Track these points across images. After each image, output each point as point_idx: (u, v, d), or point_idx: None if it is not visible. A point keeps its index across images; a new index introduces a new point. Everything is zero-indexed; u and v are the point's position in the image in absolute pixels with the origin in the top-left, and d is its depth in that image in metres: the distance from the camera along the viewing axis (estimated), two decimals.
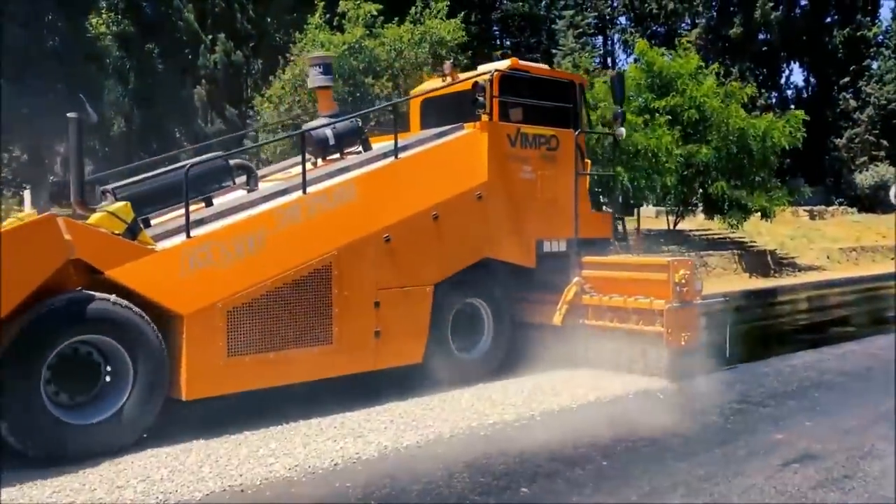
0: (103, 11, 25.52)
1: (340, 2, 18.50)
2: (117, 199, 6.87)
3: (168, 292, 6.16)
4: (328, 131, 8.07)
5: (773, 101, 40.59)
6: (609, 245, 9.58)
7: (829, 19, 42.68)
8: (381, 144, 8.65)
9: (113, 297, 5.85)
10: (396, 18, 18.70)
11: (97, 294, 5.81)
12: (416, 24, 18.60)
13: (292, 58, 18.68)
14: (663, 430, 6.42)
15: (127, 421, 5.93)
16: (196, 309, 6.24)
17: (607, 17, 45.07)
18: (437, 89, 9.05)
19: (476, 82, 8.25)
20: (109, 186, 7.04)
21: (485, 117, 8.31)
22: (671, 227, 23.54)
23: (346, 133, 8.35)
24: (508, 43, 41.62)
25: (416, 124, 9.85)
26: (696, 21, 42.18)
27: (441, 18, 18.85)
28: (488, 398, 7.38)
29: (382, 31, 18.15)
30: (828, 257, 25.12)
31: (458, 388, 7.68)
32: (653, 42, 28.44)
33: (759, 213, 21.25)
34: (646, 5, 42.41)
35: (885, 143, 39.57)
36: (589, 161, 9.92)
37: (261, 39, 25.20)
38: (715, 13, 41.35)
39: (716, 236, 24.80)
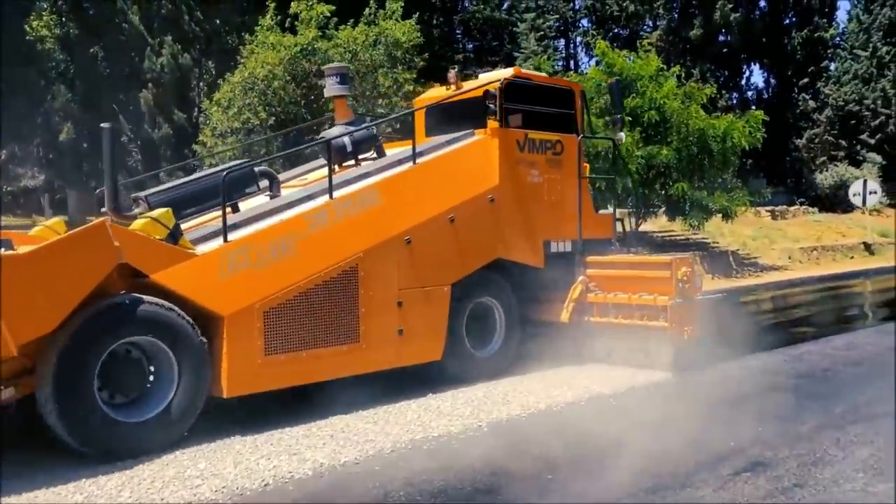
0: (44, 13, 24.64)
1: (292, 3, 17.98)
2: (150, 206, 7.14)
3: (209, 294, 6.43)
4: (346, 139, 8.36)
5: (734, 102, 40.85)
6: (611, 245, 9.97)
7: (787, 21, 43.08)
8: (393, 151, 8.98)
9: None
10: (351, 21, 18.34)
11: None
12: (371, 25, 18.26)
13: (242, 60, 18.25)
14: (611, 440, 6.23)
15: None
16: (235, 310, 6.51)
17: (569, 20, 45.07)
18: (451, 96, 9.31)
19: (487, 90, 8.61)
20: (142, 193, 7.29)
21: (495, 124, 8.66)
22: (633, 228, 23.45)
23: (363, 140, 8.66)
24: (471, 46, 41.47)
25: (420, 132, 10.17)
26: (657, 23, 42.35)
27: (396, 20, 18.48)
28: (436, 409, 7.18)
29: (336, 33, 17.78)
30: (789, 257, 25.23)
31: (404, 400, 7.44)
32: (615, 45, 28.64)
33: (720, 214, 21.27)
34: (607, 7, 42.61)
35: (843, 143, 40.09)
36: (587, 164, 10.34)
37: (210, 42, 24.47)
38: (675, 15, 41.56)
39: (678, 238, 24.85)
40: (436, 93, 10.36)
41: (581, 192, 9.48)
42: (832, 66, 42.08)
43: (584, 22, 46.13)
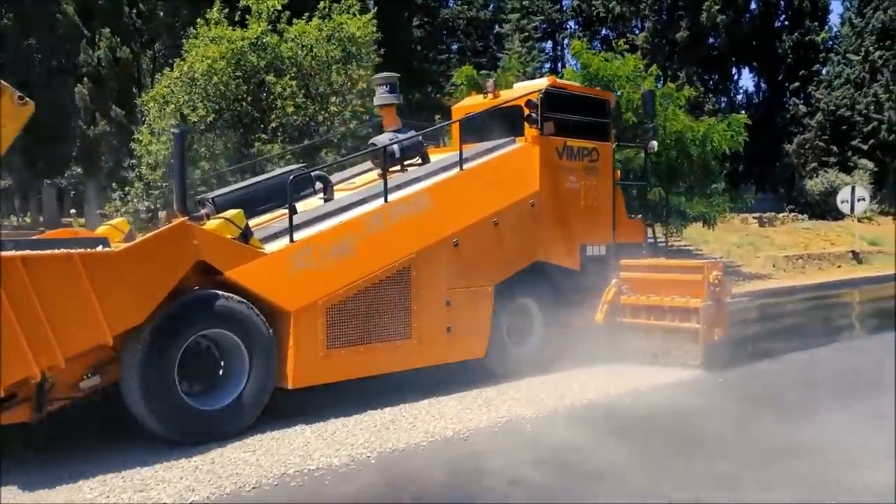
0: None
1: None
2: (216, 206, 7.55)
3: (277, 291, 6.83)
4: (395, 146, 8.77)
5: (722, 106, 39.72)
6: (642, 249, 10.36)
7: (778, 24, 41.84)
8: (436, 157, 9.38)
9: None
10: (307, 14, 17.28)
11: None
12: (326, 19, 17.21)
13: (185, 54, 17.05)
14: (513, 475, 5.66)
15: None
16: (301, 306, 6.92)
17: (556, 22, 43.83)
18: (504, 102, 9.65)
19: (530, 100, 9.02)
20: (209, 195, 7.71)
21: (536, 131, 9.07)
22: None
23: (410, 147, 9.06)
24: (455, 47, 40.77)
25: (456, 139, 10.55)
26: (644, 24, 41.06)
27: (353, 14, 17.49)
28: (331, 434, 6.53)
29: (287, 28, 16.76)
30: (773, 265, 24.45)
31: (301, 423, 6.78)
32: (603, 47, 28.13)
33: (701, 221, 20.24)
34: (593, 8, 41.39)
35: (834, 148, 39.20)
36: (618, 171, 10.75)
37: (155, 35, 23.55)
38: (662, 16, 40.21)
39: (659, 244, 23.75)
40: (472, 101, 10.77)
41: (615, 197, 9.88)
42: (824, 71, 40.98)
43: (571, 24, 44.91)
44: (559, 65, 44.72)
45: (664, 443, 6.63)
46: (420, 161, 9.26)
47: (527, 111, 9.10)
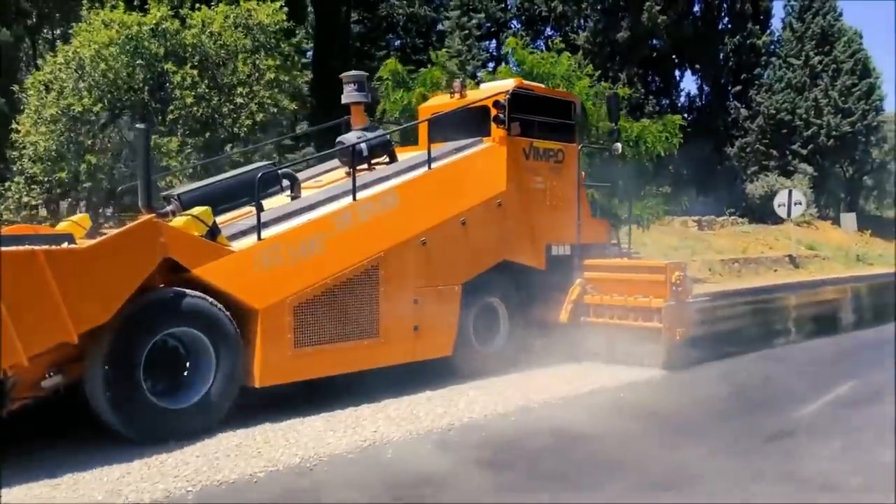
0: None
1: None
2: (182, 203, 7.46)
3: (245, 289, 6.78)
4: (363, 145, 8.75)
5: (663, 108, 38.43)
6: (606, 249, 10.49)
7: (721, 26, 40.69)
8: (404, 156, 9.39)
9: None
10: (213, 0, 16.32)
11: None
12: (233, 5, 16.15)
13: (72, 38, 15.67)
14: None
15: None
16: (269, 304, 6.88)
17: (500, 20, 41.97)
18: (458, 105, 9.72)
19: (497, 100, 9.07)
20: (174, 191, 7.61)
21: (503, 132, 9.12)
22: None
23: (378, 146, 9.05)
24: (398, 44, 39.32)
25: (423, 138, 10.56)
26: (585, 24, 39.82)
27: (262, 0, 16.44)
28: (158, 464, 5.73)
29: (191, 13, 15.73)
30: (710, 269, 24.15)
31: (132, 450, 5.97)
32: (547, 47, 27.16)
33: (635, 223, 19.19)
34: (535, 7, 40.43)
35: (774, 152, 38.87)
36: (584, 173, 10.86)
37: (41, 18, 22.02)
38: (603, 17, 39.16)
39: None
40: (439, 101, 10.79)
41: (580, 198, 9.99)
42: (765, 74, 40.33)
43: (515, 23, 43.32)
44: (502, 64, 43.18)
45: (531, 475, 5.75)
46: (387, 160, 9.25)
47: (494, 112, 9.15)
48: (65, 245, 5.78)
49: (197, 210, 6.76)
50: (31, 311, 5.36)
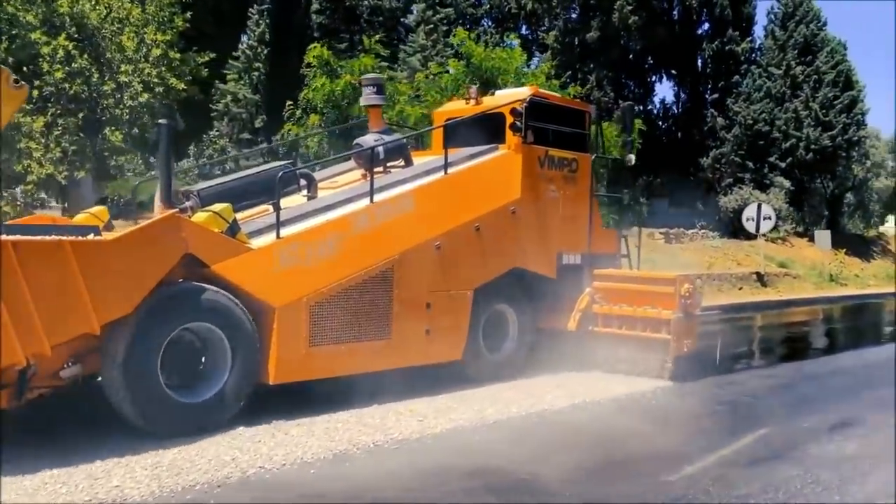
0: None
1: None
2: (201, 200, 7.52)
3: (263, 286, 6.83)
4: (380, 148, 8.81)
5: (637, 114, 36.77)
6: (615, 259, 10.55)
7: (701, 31, 38.44)
8: (419, 160, 9.45)
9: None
10: None
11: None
12: None
13: None
14: None
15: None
16: (286, 302, 6.93)
17: (470, 17, 39.79)
18: (488, 109, 9.73)
19: (514, 108, 9.14)
20: (195, 188, 7.66)
21: (519, 139, 9.19)
22: None
23: (394, 149, 9.11)
24: (358, 38, 37.99)
25: (437, 143, 10.63)
26: (554, 23, 38.19)
27: None
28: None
29: None
30: None
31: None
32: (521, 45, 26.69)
33: None
34: (505, 4, 39.15)
35: (750, 164, 36.25)
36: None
37: None
38: (572, 15, 37.45)
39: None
40: (454, 106, 10.86)
41: (592, 208, 10.05)
42: (744, 83, 37.71)
43: (486, 21, 41.81)
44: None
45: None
46: (403, 164, 9.31)
47: (511, 119, 9.22)
48: (91, 237, 5.83)
49: (218, 207, 6.82)
50: (55, 300, 5.42)
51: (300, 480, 5.50)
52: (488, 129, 9.57)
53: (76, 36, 13.80)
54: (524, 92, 10.02)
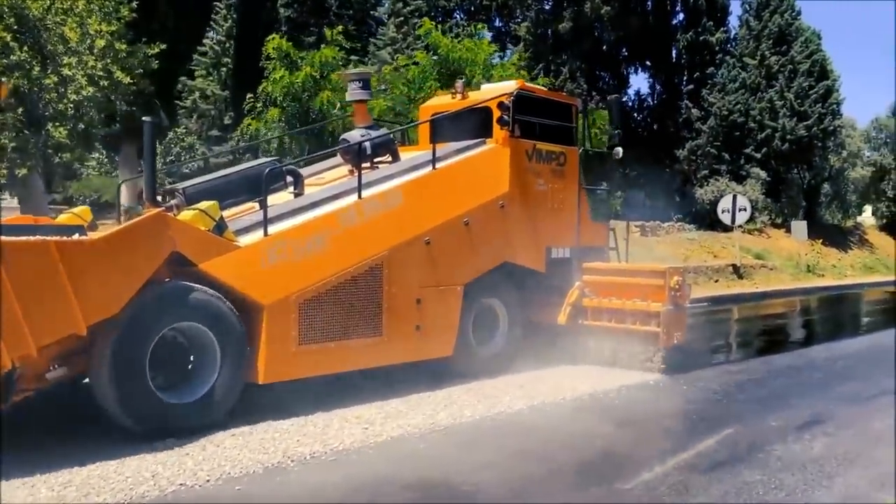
0: None
1: None
2: (187, 197, 7.41)
3: (251, 284, 6.75)
4: (367, 143, 8.74)
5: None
6: (604, 253, 10.54)
7: (676, 22, 37.33)
8: (407, 156, 9.38)
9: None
10: None
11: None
12: None
13: None
14: None
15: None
16: (275, 300, 6.85)
17: (439, 9, 39.07)
18: (462, 106, 9.71)
19: (501, 102, 9.09)
20: (179, 186, 7.56)
21: (506, 133, 9.14)
22: None
23: (381, 144, 9.04)
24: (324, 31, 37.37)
25: (423, 138, 10.56)
26: (526, 14, 37.44)
27: None
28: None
29: None
30: None
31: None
32: (491, 37, 26.24)
33: None
34: None
35: (726, 156, 35.54)
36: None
37: None
38: (546, 6, 36.47)
39: None
40: (440, 101, 10.79)
41: (580, 201, 10.03)
42: (719, 73, 36.80)
43: (458, 14, 41.13)
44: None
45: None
46: (390, 159, 9.24)
47: (498, 113, 9.17)
48: (76, 237, 5.73)
49: (204, 204, 6.72)
50: (41, 301, 5.32)
51: (222, 498, 5.07)
52: (476, 123, 9.53)
53: (15, 27, 13.17)
54: (511, 86, 9.97)
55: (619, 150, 10.32)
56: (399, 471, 5.66)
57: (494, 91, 9.87)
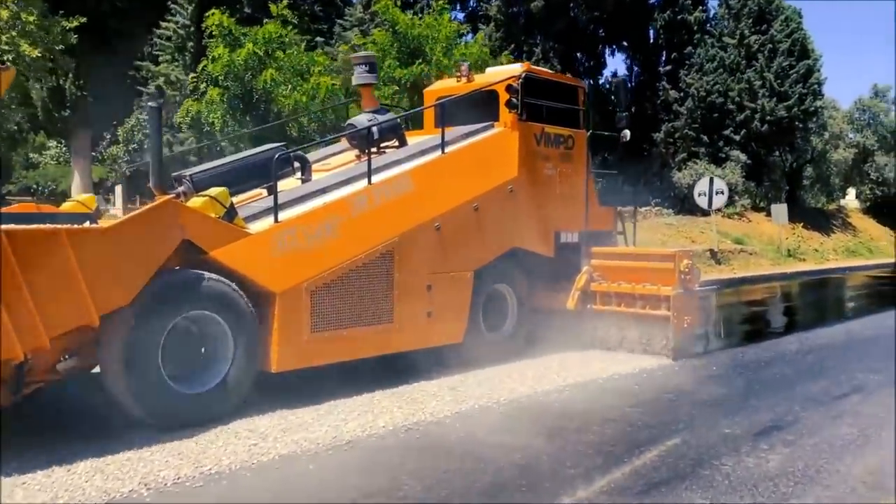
0: None
1: None
2: (194, 184, 7.28)
3: (263, 272, 6.64)
4: (375, 128, 8.61)
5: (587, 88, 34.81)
6: (612, 237, 10.46)
7: (652, 1, 36.43)
8: (414, 140, 9.26)
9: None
10: None
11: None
12: None
13: None
14: None
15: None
16: (286, 288, 6.74)
17: None
18: (468, 90, 9.59)
19: (510, 84, 8.96)
20: (186, 172, 7.43)
21: (515, 117, 9.02)
22: None
23: (388, 129, 8.91)
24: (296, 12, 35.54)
25: (429, 122, 10.45)
26: None
27: None
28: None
29: None
30: None
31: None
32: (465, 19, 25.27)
33: None
34: None
35: (705, 138, 34.38)
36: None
37: None
38: None
39: None
40: (445, 84, 10.66)
41: (588, 185, 9.93)
42: (696, 53, 35.73)
43: None
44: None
45: None
46: (397, 143, 9.12)
47: (506, 96, 9.04)
48: (87, 224, 5.60)
49: (214, 191, 6.60)
50: (53, 292, 5.19)
51: None
52: (483, 106, 9.40)
53: None
54: (518, 68, 9.84)
55: (627, 133, 10.22)
56: (272, 500, 4.78)
57: (501, 74, 9.73)
